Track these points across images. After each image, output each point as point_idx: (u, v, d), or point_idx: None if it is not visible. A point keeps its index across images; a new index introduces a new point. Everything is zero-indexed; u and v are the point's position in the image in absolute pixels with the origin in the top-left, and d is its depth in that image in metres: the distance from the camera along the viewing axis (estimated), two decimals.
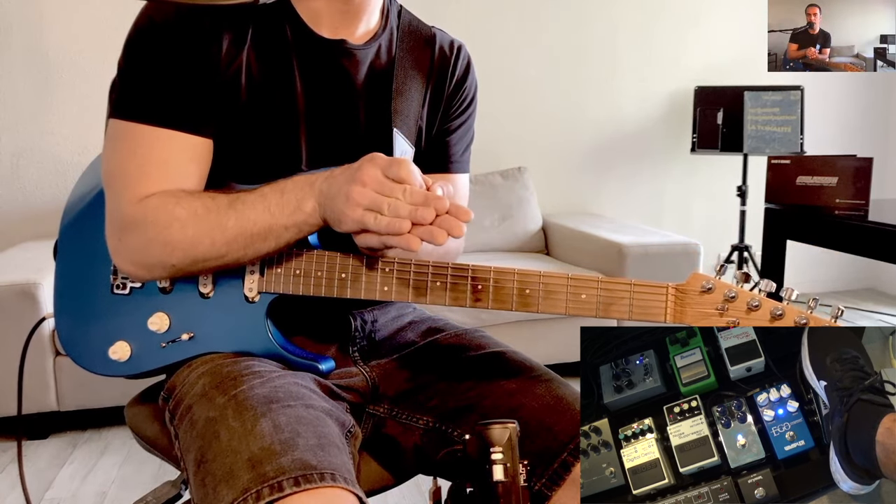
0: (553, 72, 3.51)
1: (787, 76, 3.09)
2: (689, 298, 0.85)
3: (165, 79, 0.88)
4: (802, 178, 2.00)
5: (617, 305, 0.86)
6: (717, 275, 0.85)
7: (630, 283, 0.86)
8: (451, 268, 0.89)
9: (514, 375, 0.99)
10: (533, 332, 2.68)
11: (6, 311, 2.11)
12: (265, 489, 0.72)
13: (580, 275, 0.88)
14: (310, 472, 0.74)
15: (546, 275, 0.88)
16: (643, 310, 0.86)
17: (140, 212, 0.88)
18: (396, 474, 1.04)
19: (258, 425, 0.79)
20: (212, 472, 0.78)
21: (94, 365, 0.98)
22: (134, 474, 2.13)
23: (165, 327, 0.95)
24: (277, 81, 0.94)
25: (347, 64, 0.97)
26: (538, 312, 0.88)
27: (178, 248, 0.87)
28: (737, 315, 0.84)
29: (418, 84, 1.03)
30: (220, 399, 0.85)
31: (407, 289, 0.90)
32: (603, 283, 0.86)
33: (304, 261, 0.91)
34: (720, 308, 0.84)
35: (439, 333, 1.09)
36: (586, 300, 0.87)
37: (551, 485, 0.90)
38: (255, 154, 0.95)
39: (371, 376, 1.04)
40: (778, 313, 0.83)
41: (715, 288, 0.85)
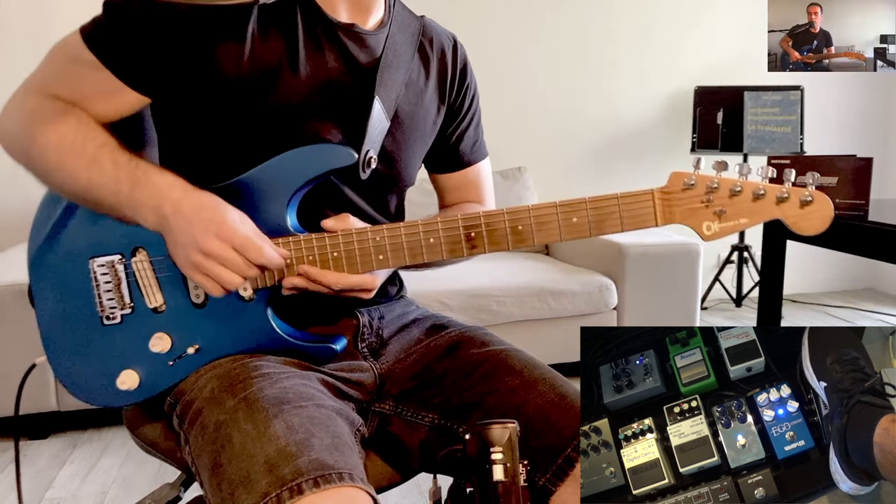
0: (553, 72, 3.51)
1: (787, 76, 3.10)
2: (675, 197, 0.87)
3: (139, 37, 0.90)
4: (802, 179, 2.00)
5: (608, 221, 0.88)
6: (696, 169, 0.87)
7: (616, 197, 0.88)
8: (441, 222, 0.90)
9: (518, 373, 0.99)
10: (533, 332, 2.68)
11: (6, 311, 2.11)
12: (285, 492, 0.72)
13: (568, 200, 0.89)
14: (328, 471, 0.74)
15: (535, 207, 0.89)
16: (634, 219, 0.88)
17: (36, 104, 0.92)
18: (402, 472, 1.04)
19: (271, 427, 0.79)
20: (227, 477, 0.77)
21: (105, 399, 0.95)
22: (134, 474, 2.13)
23: (168, 346, 0.93)
24: (278, 55, 0.94)
25: (353, 44, 0.98)
26: (534, 245, 0.90)
27: (32, 160, 0.93)
28: (722, 204, 0.86)
29: (405, 60, 1.03)
30: (230, 402, 0.84)
31: (402, 252, 0.90)
32: (591, 203, 0.88)
33: (292, 249, 0.91)
34: (705, 200, 0.86)
35: (443, 330, 1.10)
36: (578, 223, 0.88)
37: (556, 480, 0.90)
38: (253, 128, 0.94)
39: (380, 372, 1.04)
40: (760, 193, 0.85)
41: (697, 182, 0.86)
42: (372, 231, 0.91)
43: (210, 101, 0.94)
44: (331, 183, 0.98)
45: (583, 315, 2.72)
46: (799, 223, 0.85)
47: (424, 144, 1.09)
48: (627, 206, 0.87)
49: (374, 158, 1.00)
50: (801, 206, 0.85)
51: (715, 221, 0.86)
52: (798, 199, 0.85)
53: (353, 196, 1.02)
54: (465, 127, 1.15)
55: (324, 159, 0.93)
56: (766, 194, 0.85)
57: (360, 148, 0.96)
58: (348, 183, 1.00)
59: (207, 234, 0.84)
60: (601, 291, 2.72)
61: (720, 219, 0.86)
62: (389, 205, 1.08)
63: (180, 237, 0.86)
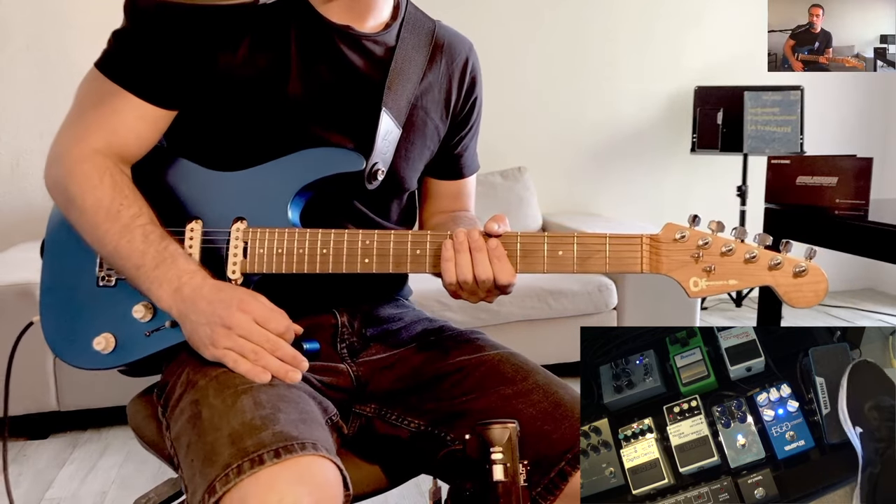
0: (553, 72, 3.51)
1: (787, 76, 3.10)
2: (664, 247, 0.86)
3: (149, 52, 0.93)
4: (802, 178, 2.00)
5: (594, 259, 0.88)
6: (692, 225, 0.86)
7: (605, 237, 0.87)
8: (430, 234, 0.91)
9: (511, 380, 0.97)
10: (533, 332, 2.68)
11: (5, 311, 2.12)
12: (245, 463, 0.72)
13: (557, 233, 0.89)
14: (290, 442, 0.74)
15: (523, 235, 0.89)
16: (620, 261, 0.87)
17: (71, 166, 0.94)
18: (387, 476, 1.03)
19: (239, 401, 0.80)
20: (197, 453, 0.78)
21: (77, 358, 0.97)
22: (134, 474, 2.13)
23: (150, 316, 0.95)
24: (273, 57, 0.95)
25: (347, 48, 0.98)
26: (518, 273, 0.90)
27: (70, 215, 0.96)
28: (712, 261, 0.85)
29: (416, 69, 1.03)
30: (202, 381, 0.86)
31: (388, 259, 0.91)
32: (579, 239, 0.88)
33: (286, 240, 0.93)
34: (695, 255, 0.85)
35: (434, 334, 1.08)
36: (563, 256, 0.88)
37: (546, 494, 0.88)
38: (245, 127, 0.96)
39: (357, 374, 1.03)
40: (752, 255, 0.83)
41: (689, 236, 0.86)
42: (364, 234, 0.92)
43: (215, 102, 0.95)
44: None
45: (583, 315, 2.72)
46: (790, 294, 0.83)
47: (429, 152, 1.09)
48: (615, 248, 0.87)
49: (382, 171, 1.00)
50: (794, 275, 0.83)
51: (703, 278, 0.85)
52: (791, 269, 0.83)
53: (354, 199, 1.02)
54: (468, 139, 1.15)
55: (330, 163, 0.95)
56: (759, 258, 0.83)
57: (368, 159, 0.97)
58: (351, 187, 1.00)
59: (231, 309, 0.87)
60: (601, 291, 2.72)
61: (709, 276, 0.85)
62: (391, 209, 1.08)
63: (202, 316, 0.87)
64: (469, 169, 1.18)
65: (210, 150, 0.98)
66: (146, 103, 0.94)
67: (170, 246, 0.91)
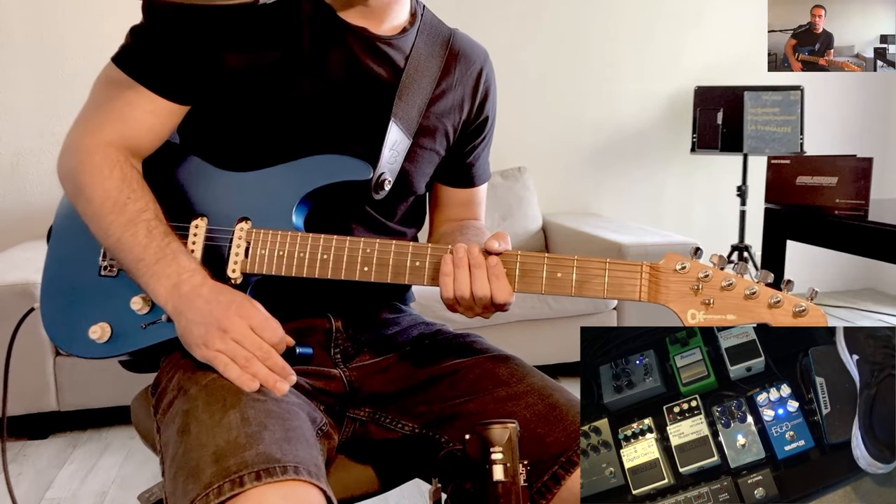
0: (553, 71, 3.51)
1: (787, 76, 3.09)
2: (664, 277, 0.86)
3: (162, 48, 0.94)
4: (802, 178, 2.00)
5: (592, 284, 0.87)
6: (693, 257, 0.86)
7: (605, 262, 0.87)
8: (430, 248, 0.91)
9: (506, 382, 0.97)
10: (533, 332, 2.68)
11: (5, 311, 2.11)
12: (226, 484, 0.72)
13: (557, 255, 0.89)
14: (272, 465, 0.74)
15: (524, 254, 0.89)
16: (618, 288, 0.87)
17: (83, 156, 0.95)
18: (380, 480, 1.03)
19: (226, 417, 0.80)
20: (182, 467, 0.78)
21: (72, 345, 0.98)
22: (134, 474, 2.13)
23: (147, 308, 0.95)
24: (284, 56, 0.95)
25: (361, 49, 0.98)
26: (515, 292, 0.90)
27: (78, 205, 0.97)
28: (711, 294, 0.84)
29: (430, 77, 1.03)
30: (193, 389, 0.86)
31: (387, 269, 0.91)
32: (579, 263, 0.88)
33: (287, 243, 0.93)
34: (695, 287, 0.85)
35: (430, 338, 1.08)
36: (562, 279, 0.88)
37: (539, 498, 0.88)
38: (254, 124, 0.97)
39: (350, 379, 1.03)
40: (752, 292, 0.83)
41: (689, 268, 0.85)
42: (365, 242, 0.92)
43: (224, 99, 0.96)
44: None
45: (583, 315, 2.72)
46: None
47: (438, 158, 1.09)
48: (615, 274, 0.87)
49: (389, 181, 1.00)
50: (793, 315, 0.83)
51: (701, 311, 0.85)
52: (791, 308, 0.83)
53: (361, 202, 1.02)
54: (480, 148, 1.15)
55: (338, 170, 0.96)
56: (759, 295, 0.83)
57: (375, 169, 0.97)
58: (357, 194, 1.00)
59: (228, 311, 0.87)
60: None
61: (707, 309, 0.84)
62: (397, 210, 1.08)
63: (198, 315, 0.87)
64: (480, 178, 1.18)
65: (220, 147, 0.99)
66: (158, 97, 0.95)
67: (172, 243, 0.91)
